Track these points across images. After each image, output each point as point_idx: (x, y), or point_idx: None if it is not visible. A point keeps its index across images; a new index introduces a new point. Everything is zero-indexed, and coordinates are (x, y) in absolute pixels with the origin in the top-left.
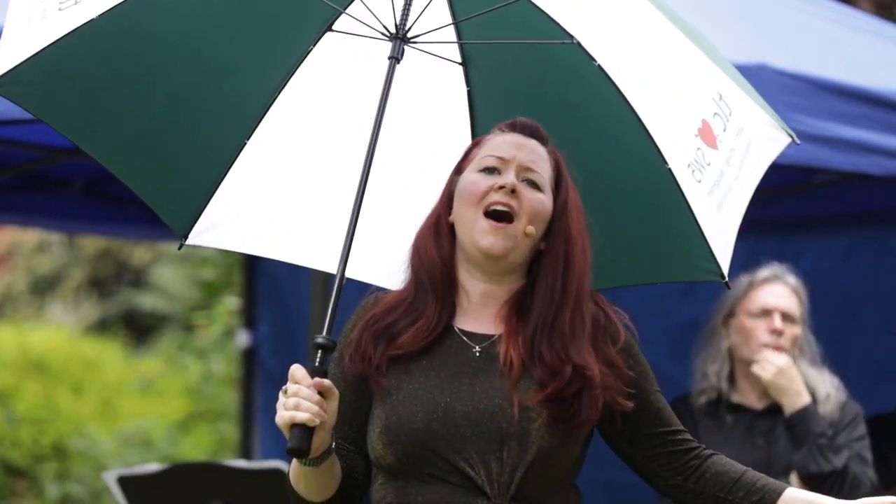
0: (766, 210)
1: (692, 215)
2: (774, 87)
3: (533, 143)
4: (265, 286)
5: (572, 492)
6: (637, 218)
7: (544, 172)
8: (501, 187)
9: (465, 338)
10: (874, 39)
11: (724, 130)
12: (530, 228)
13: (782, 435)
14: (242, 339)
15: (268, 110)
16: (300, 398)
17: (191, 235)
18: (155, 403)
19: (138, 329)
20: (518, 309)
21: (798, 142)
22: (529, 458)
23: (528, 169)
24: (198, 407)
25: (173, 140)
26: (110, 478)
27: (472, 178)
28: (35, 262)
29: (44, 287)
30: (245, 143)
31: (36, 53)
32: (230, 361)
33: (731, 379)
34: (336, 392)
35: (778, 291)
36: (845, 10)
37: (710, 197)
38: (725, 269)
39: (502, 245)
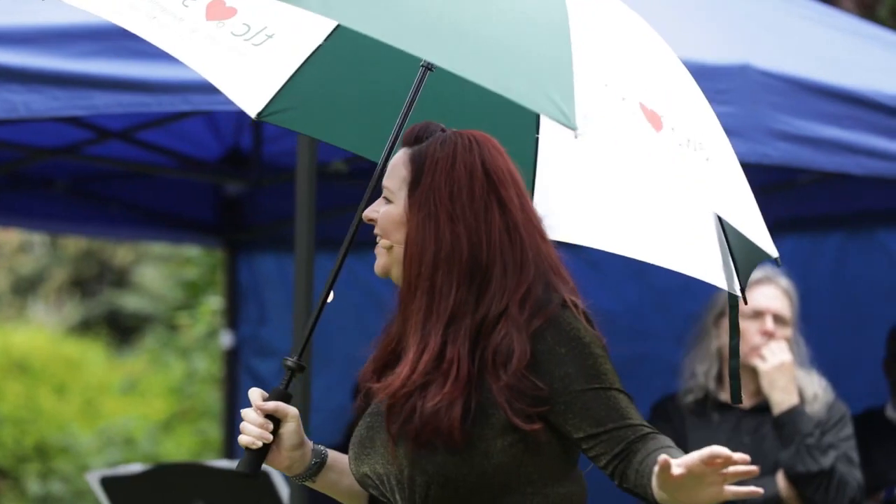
0: None
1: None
2: (757, 87)
3: (399, 153)
4: (248, 286)
5: (529, 501)
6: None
7: (393, 181)
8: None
9: None
10: (857, 40)
11: (670, 112)
12: (383, 241)
13: (769, 433)
14: (226, 339)
15: None
16: (245, 421)
17: None
18: (138, 403)
19: (121, 329)
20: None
21: (576, 136)
22: (423, 483)
23: (383, 186)
24: (181, 407)
25: None
26: (93, 478)
27: None
28: (17, 263)
29: (26, 287)
30: (537, 137)
31: (287, 82)
32: (213, 361)
33: (720, 379)
34: (290, 413)
35: (770, 293)
36: (828, 10)
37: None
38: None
39: (376, 267)
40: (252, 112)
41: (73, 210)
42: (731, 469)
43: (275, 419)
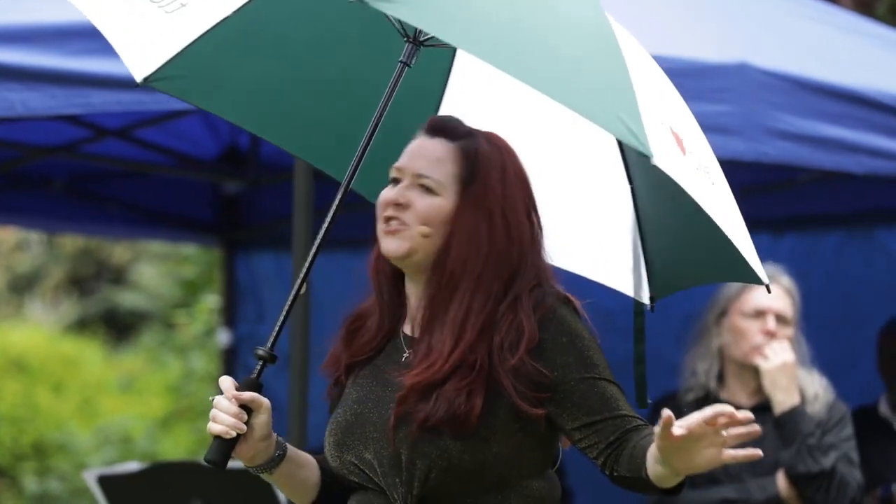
0: (753, 208)
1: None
2: (756, 85)
3: (434, 143)
4: (246, 285)
5: (517, 493)
6: (686, 220)
7: (440, 173)
8: (390, 203)
9: (403, 342)
10: (856, 37)
11: (687, 135)
12: (424, 228)
13: (770, 433)
14: (223, 338)
15: (445, 89)
16: (218, 410)
17: None
18: (135, 402)
19: (118, 327)
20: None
21: (655, 162)
22: (425, 466)
23: (420, 176)
24: (178, 405)
25: (360, 122)
26: (90, 477)
27: (382, 192)
28: (14, 261)
29: (23, 286)
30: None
31: (183, 50)
32: (211, 359)
33: (720, 378)
34: (264, 404)
35: (772, 292)
36: (828, 8)
37: (709, 200)
38: (759, 272)
39: (396, 246)
40: (138, 76)
41: (71, 208)
42: (733, 431)
43: (247, 409)
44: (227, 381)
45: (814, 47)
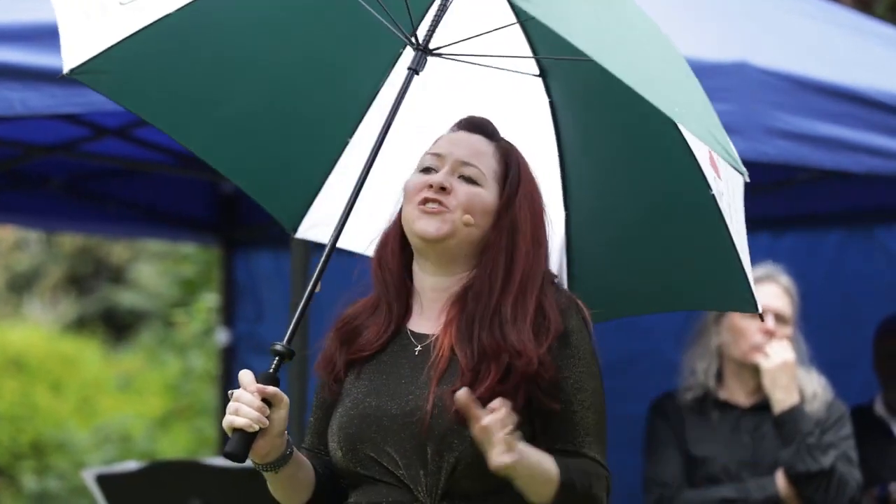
0: (753, 208)
1: (732, 243)
2: (755, 84)
3: (475, 138)
4: (245, 284)
5: None
6: (685, 244)
7: (484, 166)
8: (431, 186)
9: (412, 338)
10: (856, 36)
11: (719, 161)
12: (467, 217)
13: (769, 432)
14: (222, 337)
15: (368, 108)
16: (241, 403)
17: (300, 230)
18: (134, 401)
19: (117, 326)
20: (463, 299)
21: (748, 179)
22: (453, 459)
23: (464, 164)
24: (177, 404)
25: (277, 134)
26: (89, 476)
27: (412, 179)
28: (13, 260)
29: (22, 285)
30: (348, 141)
31: (113, 45)
32: (209, 358)
33: (719, 377)
34: (285, 399)
35: (771, 291)
36: (827, 5)
37: (732, 226)
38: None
39: (436, 227)
40: (65, 67)
41: (70, 207)
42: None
43: (267, 404)
44: (248, 375)
45: (814, 46)
